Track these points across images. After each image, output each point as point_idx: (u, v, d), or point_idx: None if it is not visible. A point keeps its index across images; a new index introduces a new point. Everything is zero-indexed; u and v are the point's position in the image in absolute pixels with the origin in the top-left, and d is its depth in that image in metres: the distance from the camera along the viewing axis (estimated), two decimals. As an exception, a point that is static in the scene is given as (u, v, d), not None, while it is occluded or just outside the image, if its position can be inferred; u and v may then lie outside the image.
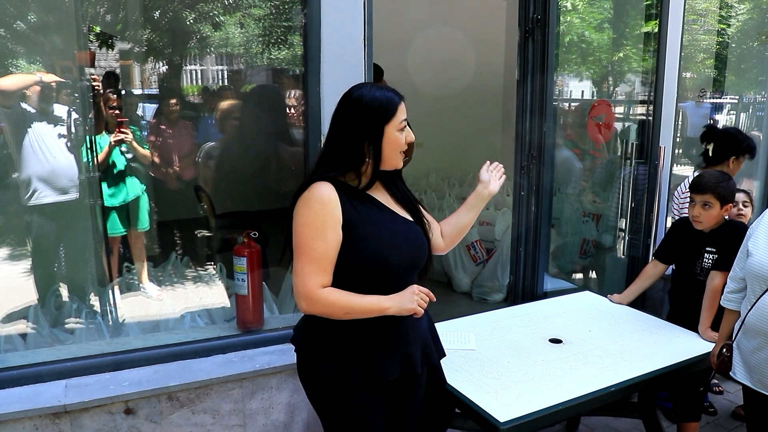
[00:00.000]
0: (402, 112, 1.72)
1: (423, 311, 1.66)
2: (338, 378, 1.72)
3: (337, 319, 1.68)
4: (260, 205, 3.20)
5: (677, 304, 2.82)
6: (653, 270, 2.87)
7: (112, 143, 3.17)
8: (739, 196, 3.04)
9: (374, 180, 1.75)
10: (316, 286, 1.62)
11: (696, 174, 2.89)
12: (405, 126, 1.73)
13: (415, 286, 1.68)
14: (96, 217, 2.95)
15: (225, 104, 3.66)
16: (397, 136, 1.71)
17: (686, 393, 2.68)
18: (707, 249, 2.62)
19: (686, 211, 3.17)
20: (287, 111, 3.14)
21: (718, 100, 5.50)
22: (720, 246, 2.58)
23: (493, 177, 2.00)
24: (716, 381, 3.47)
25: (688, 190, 3.17)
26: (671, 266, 2.87)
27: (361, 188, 1.71)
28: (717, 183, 2.57)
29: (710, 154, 3.18)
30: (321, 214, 1.61)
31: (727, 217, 2.69)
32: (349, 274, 1.66)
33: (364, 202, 1.72)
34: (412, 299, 1.65)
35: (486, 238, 4.93)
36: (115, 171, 3.30)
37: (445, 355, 1.97)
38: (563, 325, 2.63)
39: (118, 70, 3.65)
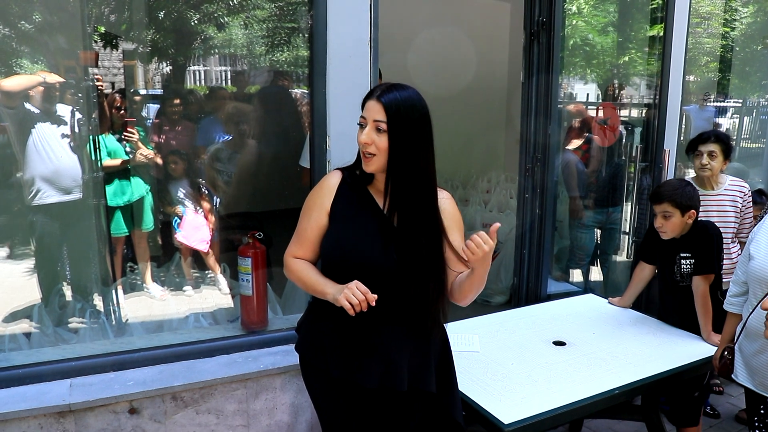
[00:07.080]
0: (366, 110, 1.63)
1: (350, 306, 1.56)
2: (324, 369, 1.76)
3: (329, 315, 1.70)
4: (264, 205, 3.20)
5: (664, 308, 2.81)
6: (642, 273, 2.86)
7: (126, 152, 3.20)
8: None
9: (365, 176, 1.71)
10: (290, 254, 1.80)
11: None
12: (363, 123, 1.63)
13: (357, 282, 1.60)
14: (100, 217, 2.95)
15: (230, 105, 3.66)
16: (358, 133, 1.66)
17: (682, 399, 2.67)
18: (681, 255, 2.61)
19: None
20: (293, 112, 3.14)
21: (722, 104, 5.50)
22: (693, 250, 2.58)
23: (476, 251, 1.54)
24: (717, 381, 3.47)
25: None
26: None
27: (358, 180, 1.73)
28: (672, 191, 2.56)
29: None
30: (314, 197, 1.76)
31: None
32: (323, 259, 1.77)
33: (361, 197, 1.73)
34: (343, 291, 1.58)
35: (489, 240, 4.91)
36: (119, 171, 3.30)
37: (454, 388, 1.85)
38: (567, 328, 2.63)
39: (122, 70, 3.65)
